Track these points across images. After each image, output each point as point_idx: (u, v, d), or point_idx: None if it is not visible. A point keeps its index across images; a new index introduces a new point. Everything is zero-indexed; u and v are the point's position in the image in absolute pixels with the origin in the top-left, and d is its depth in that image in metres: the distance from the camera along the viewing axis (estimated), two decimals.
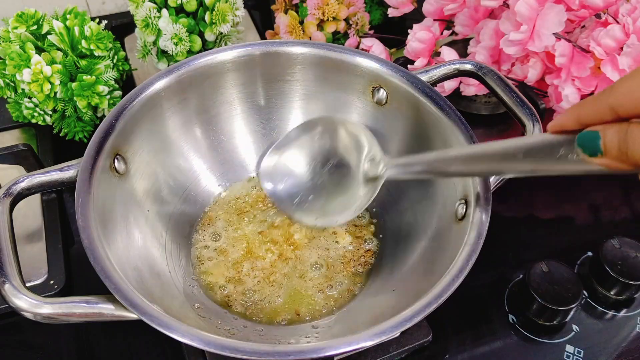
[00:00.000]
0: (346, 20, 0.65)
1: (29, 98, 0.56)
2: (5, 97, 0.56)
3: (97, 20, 0.57)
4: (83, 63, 0.54)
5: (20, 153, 0.51)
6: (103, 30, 0.56)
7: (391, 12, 0.63)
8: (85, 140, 0.59)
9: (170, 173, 0.49)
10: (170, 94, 0.46)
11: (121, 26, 0.71)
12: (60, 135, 0.59)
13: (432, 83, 0.47)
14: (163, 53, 0.60)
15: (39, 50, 0.54)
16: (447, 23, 0.60)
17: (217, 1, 0.58)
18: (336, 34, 0.66)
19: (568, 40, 0.52)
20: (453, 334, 0.47)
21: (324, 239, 0.49)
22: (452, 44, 0.61)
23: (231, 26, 0.60)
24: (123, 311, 0.33)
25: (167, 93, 0.46)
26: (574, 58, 0.52)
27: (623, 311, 0.49)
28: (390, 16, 0.64)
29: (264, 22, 0.75)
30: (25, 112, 0.56)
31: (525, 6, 0.49)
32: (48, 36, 0.54)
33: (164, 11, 0.57)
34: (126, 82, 0.62)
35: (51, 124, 0.58)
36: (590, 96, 0.29)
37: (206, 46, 0.61)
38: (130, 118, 0.43)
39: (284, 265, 0.47)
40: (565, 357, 0.46)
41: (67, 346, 0.46)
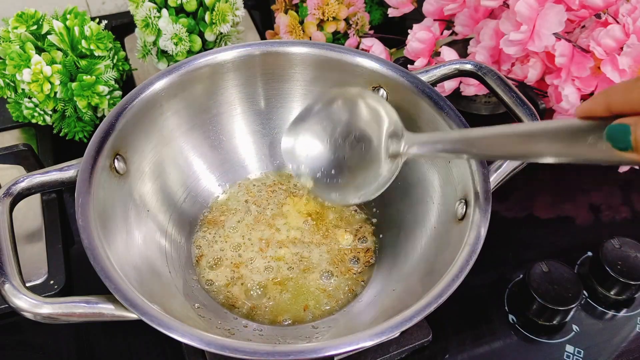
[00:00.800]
0: (346, 20, 0.65)
1: (29, 98, 0.56)
2: (5, 97, 0.56)
3: (97, 20, 0.57)
4: (83, 63, 0.54)
5: (20, 153, 0.51)
6: (103, 30, 0.56)
7: (391, 12, 0.63)
8: (85, 140, 0.59)
9: (170, 173, 0.49)
10: (170, 94, 0.46)
11: (121, 26, 0.72)
12: (60, 135, 0.59)
13: (432, 83, 0.47)
14: (163, 53, 0.60)
15: (39, 50, 0.54)
16: (447, 23, 0.60)
17: (217, 1, 0.58)
18: (336, 34, 0.66)
19: (568, 40, 0.52)
20: (453, 334, 0.47)
21: (325, 239, 0.49)
22: (452, 44, 0.61)
23: (231, 26, 0.60)
24: (123, 311, 0.33)
25: (167, 93, 0.46)
26: (574, 58, 0.52)
27: (623, 311, 0.49)
28: (390, 16, 0.64)
29: (264, 22, 0.75)
30: (25, 112, 0.56)
31: (525, 6, 0.49)
32: (48, 36, 0.54)
33: (164, 11, 0.57)
34: (126, 82, 0.62)
35: (51, 124, 0.58)
36: (622, 81, 0.26)
37: (206, 46, 0.61)
38: (130, 118, 0.43)
39: (285, 265, 0.47)
40: (565, 357, 0.46)
41: (67, 346, 0.46)
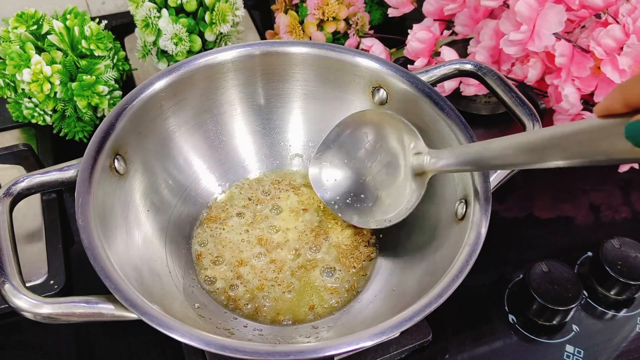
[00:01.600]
0: (346, 20, 0.65)
1: (29, 98, 0.56)
2: (5, 97, 0.56)
3: (97, 20, 0.57)
4: (83, 63, 0.54)
5: (20, 153, 0.51)
6: (103, 30, 0.56)
7: (391, 12, 0.63)
8: (85, 140, 0.59)
9: (170, 173, 0.49)
10: (170, 94, 0.46)
11: (121, 26, 0.72)
12: (60, 135, 0.59)
13: (432, 83, 0.47)
14: (163, 53, 0.60)
15: (39, 50, 0.54)
16: (447, 23, 0.60)
17: (217, 1, 0.58)
18: (336, 34, 0.66)
19: (568, 40, 0.52)
20: (453, 334, 0.47)
21: (325, 239, 0.49)
22: (452, 44, 0.61)
23: (231, 26, 0.60)
24: (123, 311, 0.33)
25: (167, 93, 0.46)
26: (574, 58, 0.52)
27: (623, 311, 0.49)
28: (390, 16, 0.64)
29: (264, 22, 0.75)
30: (25, 112, 0.56)
31: (525, 6, 0.49)
32: (48, 36, 0.54)
33: (164, 11, 0.57)
34: (126, 82, 0.62)
35: (51, 124, 0.58)
36: (636, 75, 0.25)
37: (206, 46, 0.61)
38: (130, 118, 0.43)
39: (285, 264, 0.47)
40: (565, 357, 0.46)
41: (67, 346, 0.46)
